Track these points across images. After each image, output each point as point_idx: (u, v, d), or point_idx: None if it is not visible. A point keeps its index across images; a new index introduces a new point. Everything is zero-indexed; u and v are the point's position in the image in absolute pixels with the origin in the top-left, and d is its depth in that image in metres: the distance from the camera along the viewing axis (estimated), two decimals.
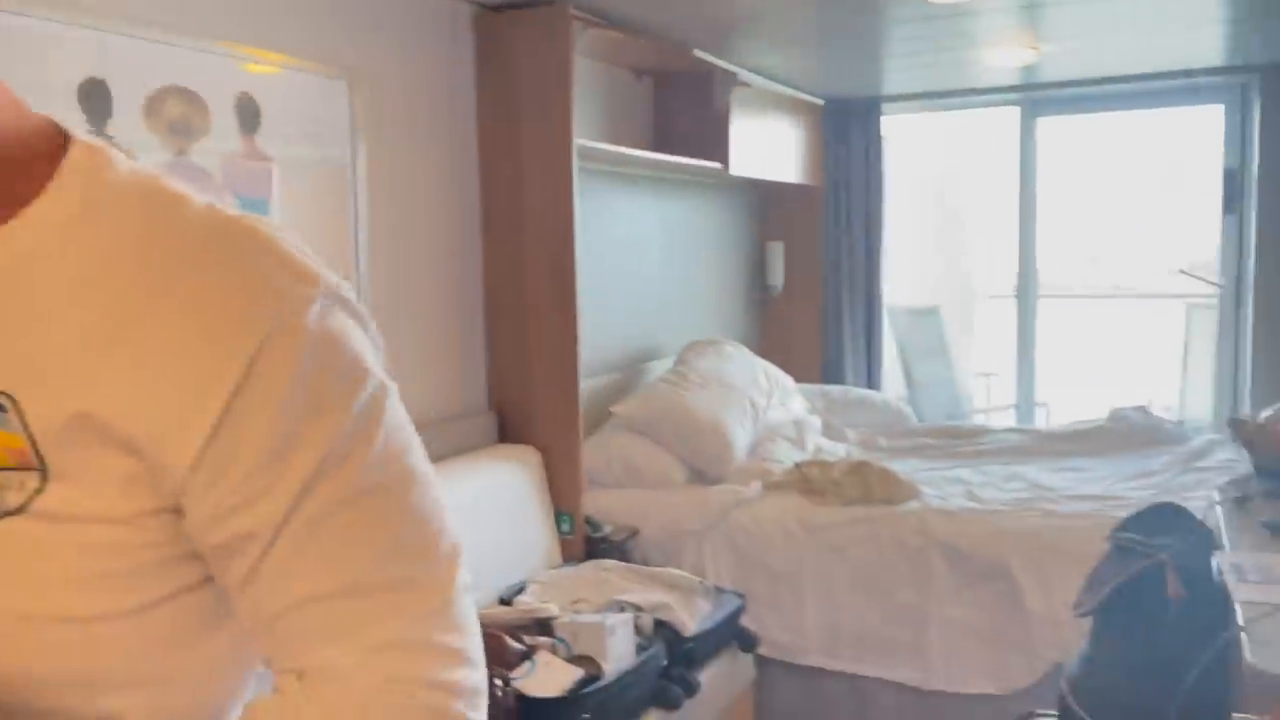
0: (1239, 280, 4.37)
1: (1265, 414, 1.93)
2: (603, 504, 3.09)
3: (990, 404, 5.70)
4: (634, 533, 3.01)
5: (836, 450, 3.71)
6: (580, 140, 2.93)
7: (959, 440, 3.84)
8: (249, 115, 2.22)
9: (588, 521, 2.95)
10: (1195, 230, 5.34)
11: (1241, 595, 1.33)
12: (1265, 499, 1.81)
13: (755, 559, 2.95)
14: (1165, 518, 1.96)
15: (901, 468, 3.36)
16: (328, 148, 2.44)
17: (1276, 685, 1.12)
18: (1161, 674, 1.60)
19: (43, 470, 0.61)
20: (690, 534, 3.00)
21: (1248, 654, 1.16)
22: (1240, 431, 1.92)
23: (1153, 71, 4.25)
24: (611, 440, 3.28)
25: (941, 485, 3.24)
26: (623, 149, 3.31)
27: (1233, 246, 4.37)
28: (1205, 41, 3.72)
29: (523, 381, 2.93)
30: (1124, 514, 2.18)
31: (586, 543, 2.91)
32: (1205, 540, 1.85)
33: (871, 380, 4.79)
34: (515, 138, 2.89)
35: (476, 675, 0.64)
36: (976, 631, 2.74)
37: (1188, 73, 4.24)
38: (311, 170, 2.41)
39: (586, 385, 3.24)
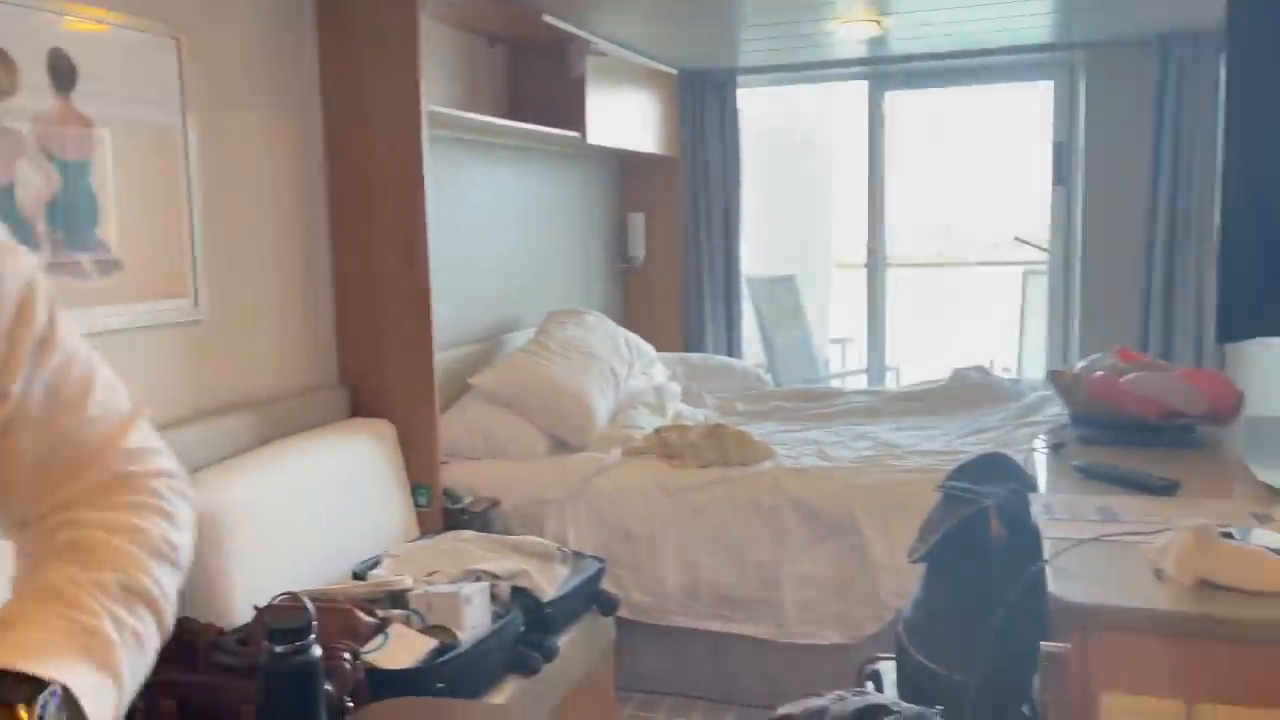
0: (1068, 248, 4.64)
1: (1080, 365, 2.07)
2: (463, 476, 3.07)
3: (845, 368, 5.90)
4: (494, 503, 3.00)
5: (696, 416, 3.77)
6: (431, 106, 2.87)
7: (812, 403, 3.96)
8: (63, 74, 2.08)
9: (446, 494, 2.92)
10: (1032, 200, 5.64)
11: (1048, 532, 1.43)
12: (1079, 444, 1.94)
13: (616, 524, 2.98)
14: (991, 467, 2.08)
15: (758, 430, 3.45)
16: (156, 111, 2.32)
17: (1076, 612, 1.21)
18: (983, 610, 1.70)
19: None
20: (552, 502, 3.01)
21: (1051, 585, 1.24)
22: (1057, 382, 2.05)
23: (988, 48, 4.45)
24: (471, 412, 3.25)
25: (795, 446, 3.35)
26: (476, 115, 3.26)
27: (1062, 216, 4.64)
28: (1035, 20, 3.91)
29: (375, 354, 2.86)
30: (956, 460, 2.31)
31: (445, 515, 2.88)
32: (1026, 486, 1.98)
33: (731, 348, 4.89)
34: (362, 103, 2.81)
35: (172, 458, 0.90)
36: (827, 584, 2.85)
37: (1020, 49, 4.46)
38: (139, 134, 2.28)
39: (445, 357, 3.19)
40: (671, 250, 4.87)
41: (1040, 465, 1.87)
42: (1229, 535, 1.29)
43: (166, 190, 2.35)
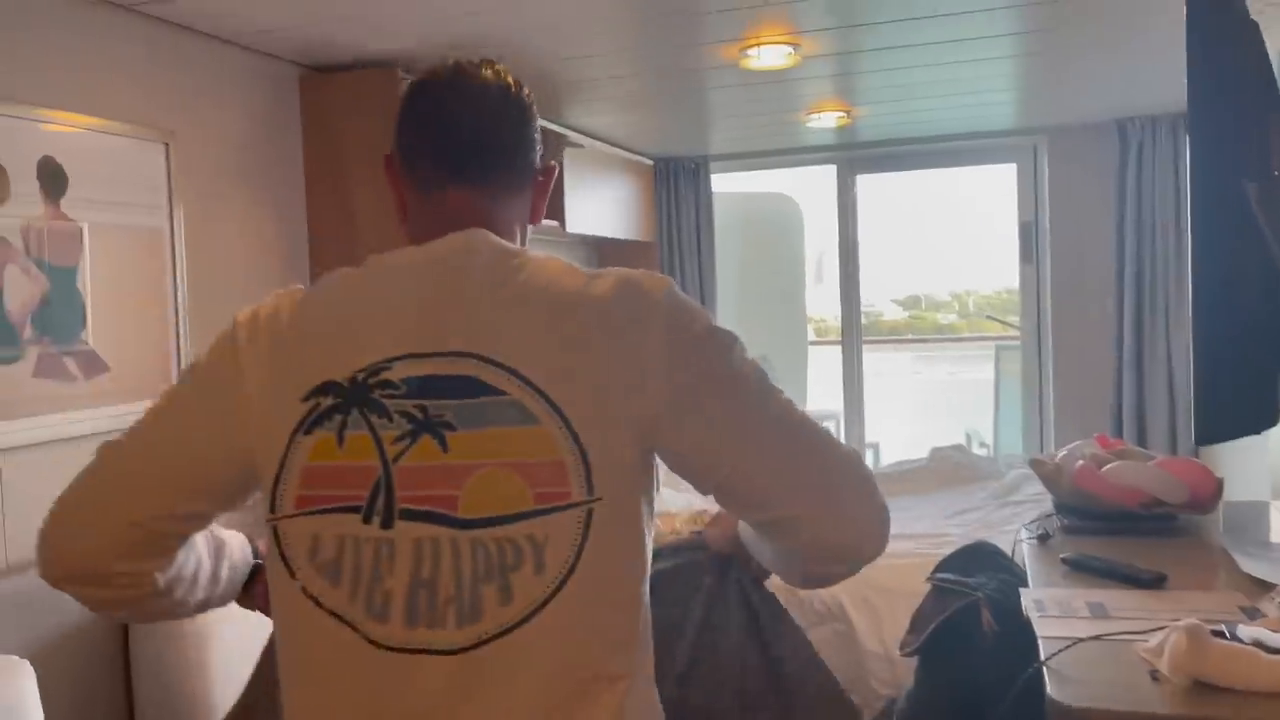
0: (1039, 324, 4.73)
1: (1060, 454, 2.10)
2: None
3: None
4: None
5: (678, 501, 3.76)
6: None
7: None
8: (53, 181, 2.10)
9: None
10: (1003, 277, 5.77)
11: (1042, 631, 1.43)
12: (1064, 535, 1.96)
13: None
14: (978, 556, 2.10)
15: None
16: (144, 212, 2.34)
17: (1075, 718, 1.21)
18: (976, 704, 1.70)
19: None
20: None
21: (1049, 689, 1.25)
22: (1039, 470, 2.07)
23: (954, 133, 4.59)
24: None
25: None
26: None
27: (1031, 293, 4.73)
28: (998, 107, 4.05)
29: None
30: (946, 550, 2.32)
31: None
32: (1014, 576, 1.99)
33: None
34: (346, 200, 2.85)
35: None
36: None
37: (984, 134, 4.60)
38: (128, 237, 2.30)
39: None
40: None
41: (1028, 556, 1.89)
42: (1220, 633, 1.31)
43: (153, 291, 2.36)
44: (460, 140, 1.04)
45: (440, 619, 0.92)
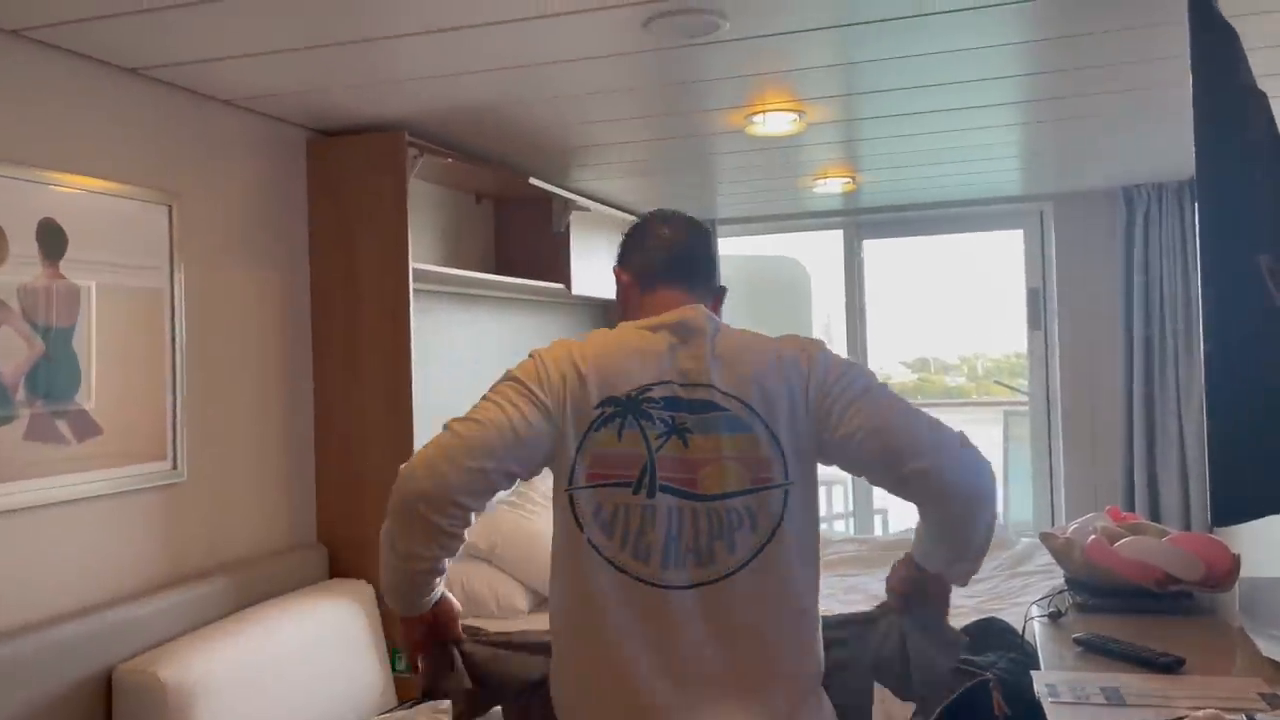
0: (1048, 390, 4.68)
1: (1072, 527, 2.04)
2: None
3: (831, 512, 5.85)
4: None
5: None
6: (418, 264, 2.90)
7: None
8: (53, 243, 2.10)
9: None
10: (1010, 341, 5.72)
11: (1055, 718, 1.37)
12: (1077, 613, 1.89)
13: None
14: (990, 634, 2.03)
15: None
16: (144, 275, 2.33)
17: None
18: None
19: None
20: None
21: None
22: (1049, 545, 2.01)
23: (959, 199, 4.60)
24: (452, 569, 3.17)
25: None
26: (462, 271, 3.30)
27: (1040, 360, 4.70)
28: (1003, 175, 4.06)
29: (354, 511, 2.81)
30: (957, 622, 2.24)
31: None
32: (1024, 654, 1.92)
33: None
34: (350, 262, 2.84)
35: None
36: None
37: (990, 201, 4.60)
38: (127, 298, 2.28)
39: None
40: None
41: (1039, 636, 1.82)
42: None
43: (150, 352, 2.34)
44: (673, 256, 1.55)
45: (684, 563, 1.37)
